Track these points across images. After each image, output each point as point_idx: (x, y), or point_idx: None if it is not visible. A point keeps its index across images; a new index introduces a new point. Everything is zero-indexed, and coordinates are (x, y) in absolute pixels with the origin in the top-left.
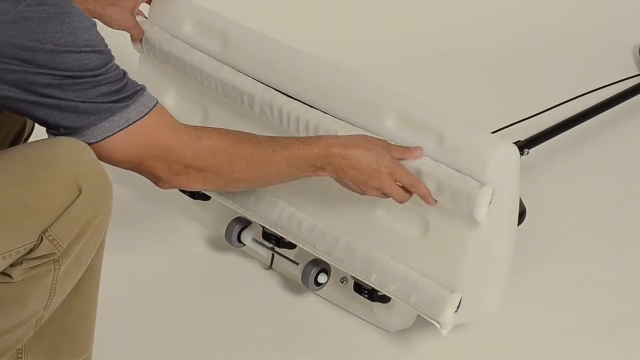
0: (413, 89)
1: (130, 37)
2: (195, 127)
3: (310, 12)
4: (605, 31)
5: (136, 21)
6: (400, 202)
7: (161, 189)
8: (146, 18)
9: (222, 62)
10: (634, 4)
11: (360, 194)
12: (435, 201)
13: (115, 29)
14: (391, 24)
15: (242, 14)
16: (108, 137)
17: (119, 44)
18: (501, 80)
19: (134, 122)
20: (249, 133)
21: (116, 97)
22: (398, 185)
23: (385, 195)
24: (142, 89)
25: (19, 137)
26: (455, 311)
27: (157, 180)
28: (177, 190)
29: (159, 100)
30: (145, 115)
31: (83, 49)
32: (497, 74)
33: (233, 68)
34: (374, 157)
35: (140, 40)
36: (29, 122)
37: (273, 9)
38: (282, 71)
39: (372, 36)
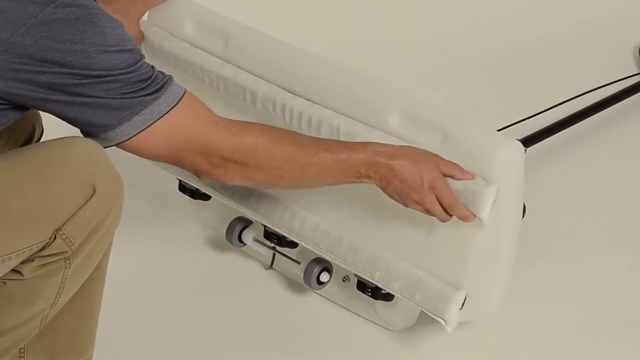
0: (413, 88)
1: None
2: (234, 122)
3: (309, 12)
4: (605, 31)
5: (140, 30)
6: (442, 221)
7: (165, 191)
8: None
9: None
10: (634, 4)
11: (403, 205)
12: (474, 216)
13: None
14: (391, 24)
15: (242, 14)
16: (142, 131)
17: None
18: (501, 80)
19: (166, 113)
20: (291, 131)
21: (147, 91)
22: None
23: (428, 211)
24: (170, 79)
25: (28, 143)
26: (460, 308)
27: (198, 173)
28: (177, 190)
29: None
30: (176, 105)
31: (112, 49)
32: (497, 73)
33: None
34: (419, 170)
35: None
36: (38, 127)
37: (273, 9)
38: (284, 70)
39: (372, 36)
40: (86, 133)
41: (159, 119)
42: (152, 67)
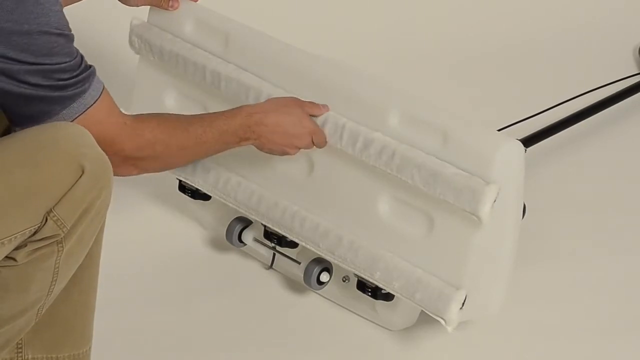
0: (413, 88)
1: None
2: (137, 119)
3: (309, 12)
4: (605, 31)
5: None
6: (305, 148)
7: (165, 191)
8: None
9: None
10: (634, 4)
11: (280, 155)
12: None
13: (132, 5)
14: (390, 25)
15: (242, 14)
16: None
17: (119, 43)
18: (501, 80)
19: (88, 108)
20: (180, 116)
21: (76, 84)
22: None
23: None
24: (94, 70)
25: (6, 133)
26: (461, 308)
27: None
28: (177, 190)
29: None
30: (97, 100)
31: (54, 31)
32: (497, 73)
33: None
34: (297, 119)
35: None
36: None
37: (273, 9)
38: (284, 70)
39: (372, 36)
40: (11, 122)
41: (82, 113)
42: (81, 55)
